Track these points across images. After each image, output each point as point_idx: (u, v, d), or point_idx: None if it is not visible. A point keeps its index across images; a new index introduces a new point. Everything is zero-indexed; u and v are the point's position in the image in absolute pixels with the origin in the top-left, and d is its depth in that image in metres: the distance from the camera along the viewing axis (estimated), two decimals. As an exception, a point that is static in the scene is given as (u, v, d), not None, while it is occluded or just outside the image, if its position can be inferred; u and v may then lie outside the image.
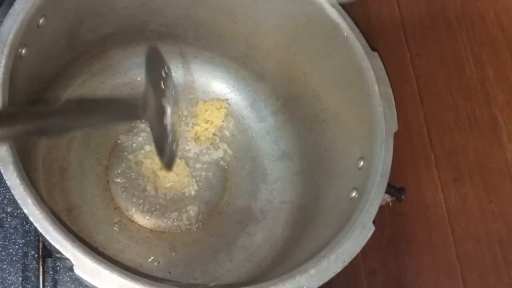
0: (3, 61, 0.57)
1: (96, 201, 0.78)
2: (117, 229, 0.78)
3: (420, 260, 0.71)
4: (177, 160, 0.83)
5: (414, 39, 0.69)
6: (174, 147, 0.69)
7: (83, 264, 0.52)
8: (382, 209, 0.63)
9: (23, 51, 0.60)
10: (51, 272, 0.76)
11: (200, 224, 0.81)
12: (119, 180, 0.81)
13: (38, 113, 0.55)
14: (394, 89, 0.70)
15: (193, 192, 0.83)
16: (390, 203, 0.75)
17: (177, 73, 0.88)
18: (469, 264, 0.62)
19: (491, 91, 0.58)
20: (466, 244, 0.62)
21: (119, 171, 0.81)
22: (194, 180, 0.84)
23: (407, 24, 0.70)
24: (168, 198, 0.82)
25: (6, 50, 0.57)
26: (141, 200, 0.80)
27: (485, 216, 0.59)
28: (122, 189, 0.80)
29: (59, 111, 0.61)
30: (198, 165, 0.85)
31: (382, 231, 0.77)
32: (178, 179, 0.83)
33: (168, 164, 0.70)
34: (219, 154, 0.86)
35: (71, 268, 0.52)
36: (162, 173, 0.82)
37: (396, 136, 0.67)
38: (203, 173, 0.85)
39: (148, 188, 0.81)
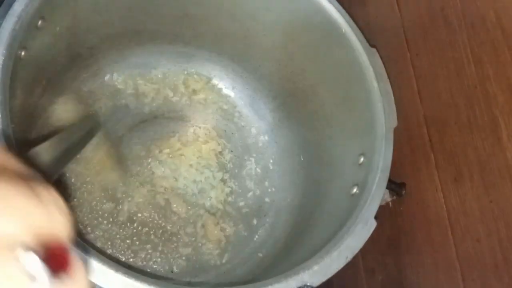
0: (3, 63, 0.56)
1: (100, 201, 0.78)
2: (120, 229, 0.78)
3: (420, 260, 0.71)
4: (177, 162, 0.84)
5: (414, 39, 0.69)
6: None
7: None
8: (382, 209, 0.63)
9: (23, 53, 0.60)
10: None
11: (201, 223, 0.82)
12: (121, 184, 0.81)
13: None
14: (394, 89, 0.70)
15: (196, 192, 0.83)
16: (390, 203, 0.76)
17: (175, 72, 0.88)
18: (469, 264, 0.62)
19: (491, 91, 0.58)
20: (466, 244, 0.63)
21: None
22: (193, 179, 0.84)
23: (407, 24, 0.70)
24: (167, 197, 0.82)
25: (5, 52, 0.57)
26: (137, 193, 0.80)
27: (485, 216, 0.59)
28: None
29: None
30: (197, 165, 0.85)
31: (382, 231, 0.77)
32: (174, 175, 0.83)
33: None
34: (219, 152, 0.86)
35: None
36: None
37: (396, 135, 0.67)
38: (203, 173, 0.85)
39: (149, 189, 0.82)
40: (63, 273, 0.20)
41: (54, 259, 0.19)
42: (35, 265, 0.19)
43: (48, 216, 0.20)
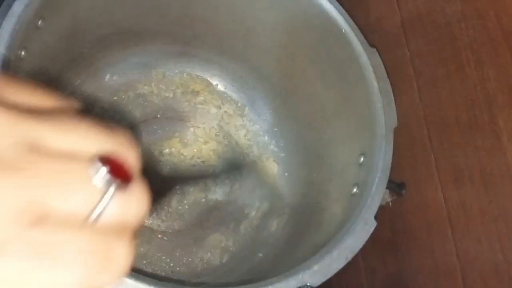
0: (3, 63, 0.56)
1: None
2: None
3: (420, 260, 0.71)
4: (178, 162, 0.84)
5: (414, 39, 0.69)
6: None
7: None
8: (382, 209, 0.63)
9: (23, 53, 0.60)
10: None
11: (201, 223, 0.82)
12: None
13: None
14: (394, 89, 0.70)
15: (196, 192, 0.83)
16: (390, 203, 0.76)
17: (175, 72, 0.88)
18: (469, 264, 0.62)
19: (491, 91, 0.58)
20: (466, 244, 0.63)
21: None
22: (193, 180, 0.84)
23: (407, 24, 0.70)
24: (166, 195, 0.82)
25: (5, 52, 0.57)
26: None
27: (485, 216, 0.59)
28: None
29: None
30: (197, 165, 0.85)
31: (382, 231, 0.77)
32: (173, 175, 0.83)
33: None
34: (219, 152, 0.86)
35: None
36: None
37: (396, 136, 0.67)
38: (203, 173, 0.84)
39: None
40: (125, 185, 0.23)
41: (118, 173, 0.23)
42: (103, 175, 0.22)
43: (117, 141, 0.24)
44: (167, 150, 0.84)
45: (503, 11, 0.55)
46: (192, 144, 0.86)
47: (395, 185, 0.73)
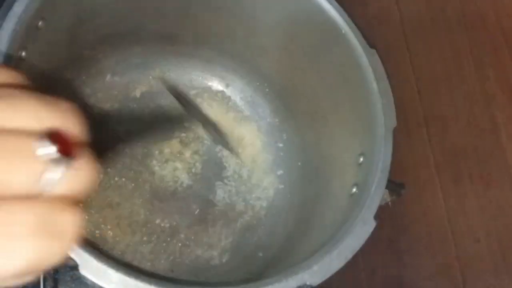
0: (3, 64, 0.56)
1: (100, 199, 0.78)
2: (119, 229, 0.78)
3: (420, 260, 0.71)
4: (178, 162, 0.84)
5: (414, 39, 0.69)
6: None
7: (88, 264, 0.51)
8: (381, 209, 0.63)
9: (23, 54, 0.60)
10: (51, 271, 0.76)
11: (201, 222, 0.82)
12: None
13: None
14: (393, 90, 0.70)
15: (196, 192, 0.83)
16: (390, 203, 0.75)
17: (175, 72, 0.88)
18: (469, 264, 0.62)
19: (491, 91, 0.58)
20: (465, 244, 0.63)
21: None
22: (194, 179, 0.84)
23: (407, 25, 0.70)
24: (166, 194, 0.82)
25: (6, 53, 0.57)
26: (138, 193, 0.80)
27: (484, 216, 0.59)
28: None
29: None
30: (198, 165, 0.85)
31: (382, 231, 0.77)
32: (174, 174, 0.83)
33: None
34: (217, 151, 0.86)
35: (73, 268, 0.52)
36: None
37: (396, 136, 0.67)
38: (203, 173, 0.85)
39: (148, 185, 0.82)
40: (72, 159, 0.23)
41: (65, 148, 0.23)
42: (51, 151, 0.23)
43: (62, 115, 0.24)
44: (167, 150, 0.84)
45: (503, 11, 0.55)
46: (193, 144, 0.86)
47: (394, 185, 0.73)
